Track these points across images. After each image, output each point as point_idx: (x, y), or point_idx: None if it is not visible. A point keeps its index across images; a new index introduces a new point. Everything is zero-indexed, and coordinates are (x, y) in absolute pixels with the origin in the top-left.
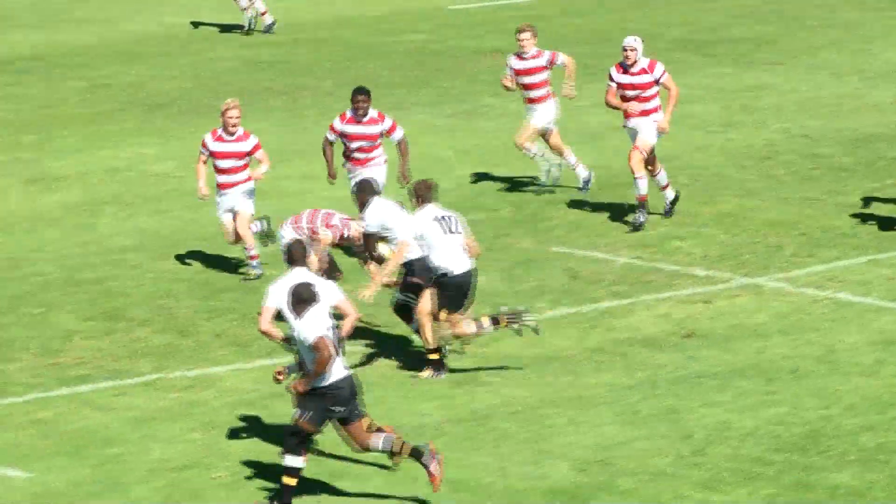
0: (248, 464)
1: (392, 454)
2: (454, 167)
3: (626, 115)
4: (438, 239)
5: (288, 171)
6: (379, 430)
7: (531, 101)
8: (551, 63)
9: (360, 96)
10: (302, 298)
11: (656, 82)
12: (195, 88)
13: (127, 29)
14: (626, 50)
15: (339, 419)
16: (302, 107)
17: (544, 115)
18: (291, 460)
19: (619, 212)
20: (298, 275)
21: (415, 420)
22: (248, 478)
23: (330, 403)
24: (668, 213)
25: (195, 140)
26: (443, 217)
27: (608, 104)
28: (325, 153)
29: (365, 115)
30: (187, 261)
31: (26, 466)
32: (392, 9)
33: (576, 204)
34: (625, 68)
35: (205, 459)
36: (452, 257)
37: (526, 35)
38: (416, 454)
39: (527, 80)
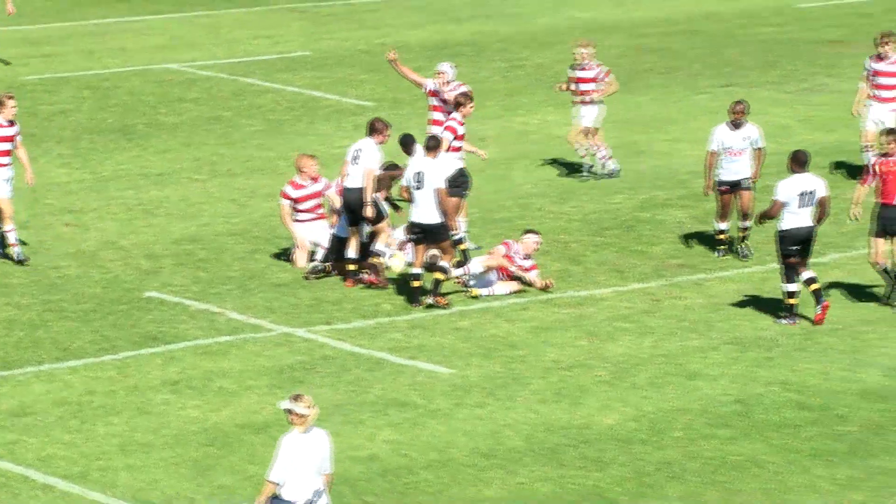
0: (625, 365)
1: None
2: (795, 133)
3: None
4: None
5: (660, 135)
6: None
7: (882, 99)
8: None
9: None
10: None
11: None
12: None
13: (540, 21)
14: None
15: None
16: (673, 84)
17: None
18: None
19: None
20: None
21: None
22: (625, 377)
23: None
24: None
25: None
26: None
27: None
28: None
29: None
30: (578, 205)
31: (449, 364)
32: (748, 6)
33: None
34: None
35: (589, 361)
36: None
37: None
38: None
39: (882, 80)
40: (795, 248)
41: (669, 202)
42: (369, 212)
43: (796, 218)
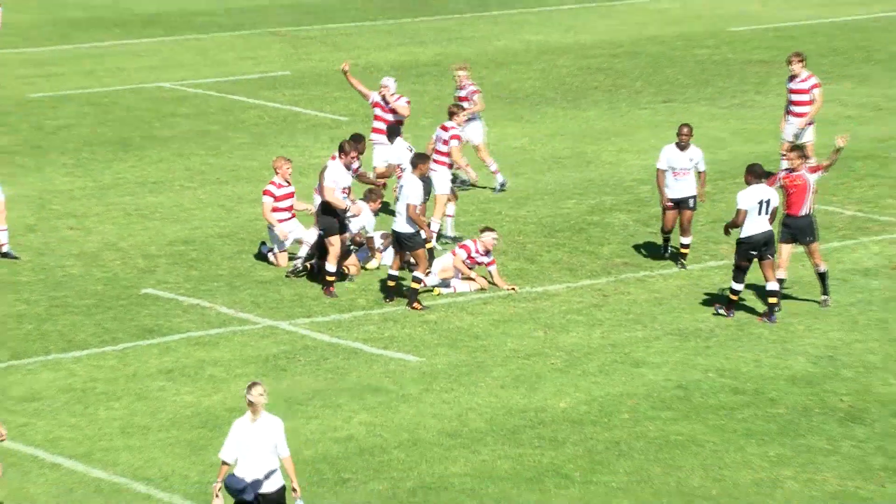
0: (576, 354)
1: None
2: (728, 144)
3: None
4: None
5: (607, 146)
6: None
7: (795, 114)
8: (813, 87)
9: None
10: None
11: None
12: (543, 87)
13: (497, 44)
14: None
15: None
16: (618, 101)
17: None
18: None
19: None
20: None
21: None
22: (577, 364)
23: None
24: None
25: (545, 124)
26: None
27: None
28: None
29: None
30: (533, 209)
31: (418, 353)
32: (686, 30)
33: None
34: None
35: (544, 350)
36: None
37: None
38: None
39: (794, 97)
40: (754, 252)
41: (616, 207)
42: (352, 210)
43: (756, 224)
